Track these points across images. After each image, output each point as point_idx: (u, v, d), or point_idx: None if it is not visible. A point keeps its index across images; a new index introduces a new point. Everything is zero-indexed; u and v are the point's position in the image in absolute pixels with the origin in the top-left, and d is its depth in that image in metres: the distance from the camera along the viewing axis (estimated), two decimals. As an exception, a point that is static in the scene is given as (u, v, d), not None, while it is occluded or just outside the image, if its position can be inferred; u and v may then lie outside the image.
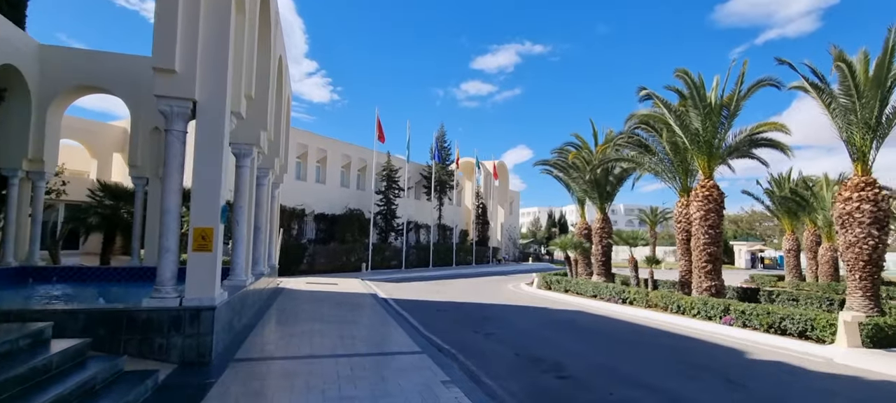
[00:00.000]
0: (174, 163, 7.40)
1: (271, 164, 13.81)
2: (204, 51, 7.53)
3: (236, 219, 10.61)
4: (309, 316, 11.63)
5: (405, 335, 9.81)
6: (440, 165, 36.27)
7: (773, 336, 10.46)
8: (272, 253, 17.03)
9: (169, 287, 7.23)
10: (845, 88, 11.83)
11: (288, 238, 25.49)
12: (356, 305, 14.07)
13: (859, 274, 11.79)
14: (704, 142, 14.59)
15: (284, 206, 25.72)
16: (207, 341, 7.14)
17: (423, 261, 33.86)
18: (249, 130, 10.62)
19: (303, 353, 7.86)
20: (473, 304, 16.29)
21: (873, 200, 11.70)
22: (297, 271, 24.76)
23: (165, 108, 7.38)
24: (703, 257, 14.44)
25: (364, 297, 16.18)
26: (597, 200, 21.68)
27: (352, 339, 9.06)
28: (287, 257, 23.18)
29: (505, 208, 45.76)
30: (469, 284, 24.17)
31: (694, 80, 14.32)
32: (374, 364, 7.33)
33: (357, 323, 10.87)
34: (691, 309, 12.99)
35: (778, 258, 45.55)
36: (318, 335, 9.35)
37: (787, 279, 24.20)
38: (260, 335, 9.19)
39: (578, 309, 15.30)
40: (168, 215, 7.32)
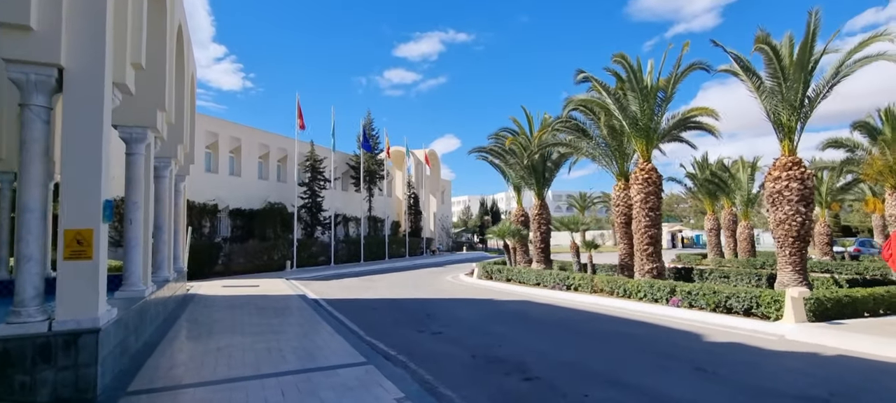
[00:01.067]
0: (35, 149, 5.71)
1: (173, 153, 11.88)
2: (72, 2, 5.83)
3: (129, 218, 8.80)
4: (226, 326, 10.02)
5: (344, 342, 8.60)
6: (368, 154, 34.68)
7: (721, 316, 10.42)
8: (179, 255, 14.93)
9: (32, 307, 5.57)
10: (772, 71, 12.07)
11: (198, 237, 22.97)
12: (282, 309, 12.55)
13: (789, 250, 12.15)
14: (643, 125, 14.52)
15: (193, 202, 23.16)
16: (90, 373, 5.59)
17: (354, 256, 32.29)
18: (142, 110, 8.80)
19: (219, 376, 6.45)
20: (413, 300, 15.26)
21: (801, 178, 12.06)
22: (212, 273, 22.40)
23: (19, 77, 5.66)
24: (644, 240, 14.42)
25: (291, 299, 14.62)
26: (534, 186, 21.39)
27: (280, 353, 7.71)
28: (198, 259, 20.81)
29: (437, 197, 45.04)
30: (405, 277, 23.09)
31: (632, 64, 14.16)
32: (310, 383, 6.10)
33: (285, 332, 9.47)
34: (637, 292, 12.84)
35: (694, 237, 48.74)
36: (239, 350, 7.90)
37: (709, 257, 25.56)
38: (165, 355, 7.60)
39: (524, 299, 14.76)
40: (27, 214, 5.63)
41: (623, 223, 17.03)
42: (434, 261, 33.97)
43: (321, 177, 31.09)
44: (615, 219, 17.40)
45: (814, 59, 11.83)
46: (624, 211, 16.92)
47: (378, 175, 36.13)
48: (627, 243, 17.04)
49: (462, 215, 68.21)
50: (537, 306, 13.47)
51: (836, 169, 21.73)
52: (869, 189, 24.89)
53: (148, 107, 8.93)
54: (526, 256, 23.64)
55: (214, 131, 26.69)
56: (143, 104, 8.87)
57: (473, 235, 54.77)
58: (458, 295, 16.14)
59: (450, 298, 15.58)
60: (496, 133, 22.00)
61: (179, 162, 13.09)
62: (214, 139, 26.74)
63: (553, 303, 13.80)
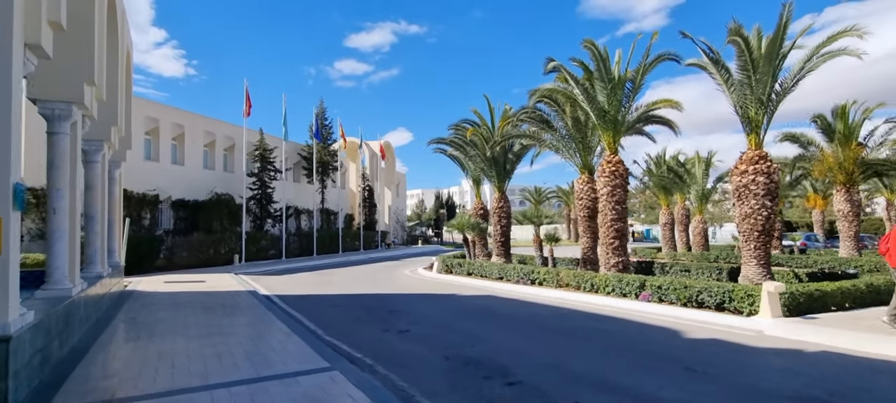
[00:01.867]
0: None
1: (106, 135, 10.53)
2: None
3: (52, 207, 7.60)
4: (169, 327, 8.91)
5: (302, 343, 7.77)
6: (321, 145, 33.27)
7: (692, 310, 10.31)
8: (114, 248, 13.45)
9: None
10: (742, 63, 12.11)
11: (137, 229, 21.16)
12: (232, 307, 11.46)
13: (754, 244, 12.28)
14: (610, 116, 14.34)
15: (131, 192, 21.30)
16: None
17: (306, 250, 30.95)
18: (65, 82, 7.58)
19: (161, 387, 5.51)
20: (373, 295, 14.46)
21: (767, 173, 12.20)
22: (152, 268, 20.69)
23: None
24: (610, 233, 14.28)
25: (241, 296, 13.49)
26: (495, 179, 21.00)
27: (231, 358, 6.80)
28: (137, 252, 19.11)
29: (392, 190, 44.06)
30: (361, 271, 22.17)
31: (600, 52, 13.92)
32: (267, 395, 5.28)
33: (236, 333, 8.50)
34: (605, 286, 12.64)
35: (645, 231, 50.34)
36: (183, 355, 6.92)
37: (663, 251, 26.17)
38: (96, 363, 6.54)
39: (489, 294, 14.30)
40: None
41: (586, 216, 16.91)
42: (390, 255, 33.10)
43: (271, 168, 29.50)
44: (578, 213, 17.26)
45: (783, 53, 11.94)
46: (587, 205, 16.80)
47: (331, 166, 34.78)
48: (590, 237, 16.95)
49: (416, 208, 67.40)
50: (504, 301, 13.02)
51: (789, 165, 22.68)
52: (811, 185, 26.32)
53: (73, 80, 7.70)
54: (484, 250, 23.28)
55: (155, 116, 24.62)
56: (67, 75, 7.65)
57: (428, 228, 54.09)
58: (420, 290, 15.47)
59: (412, 293, 14.89)
60: (456, 124, 21.45)
61: (113, 146, 11.68)
62: (155, 125, 24.68)
63: (519, 298, 13.40)
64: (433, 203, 52.10)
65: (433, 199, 58.56)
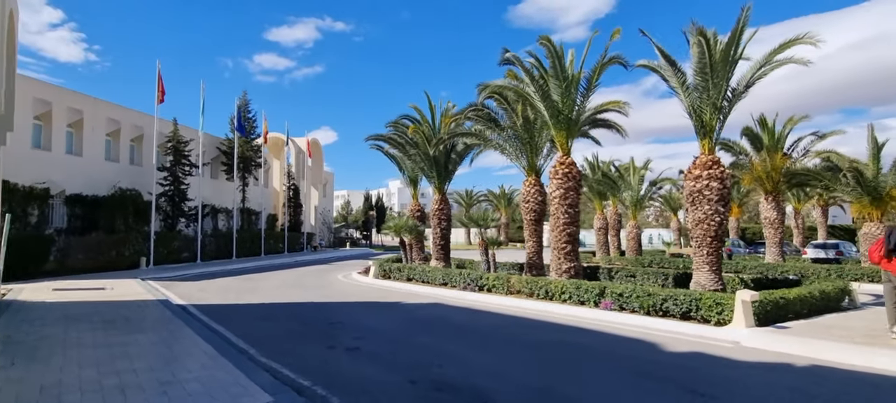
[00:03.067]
0: None
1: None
2: None
3: None
4: (56, 349, 6.94)
5: (232, 368, 6.26)
6: (244, 139, 30.46)
7: (658, 319, 9.86)
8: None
9: None
10: (700, 66, 11.99)
11: (21, 227, 17.83)
12: (139, 321, 9.46)
13: (707, 250, 12.18)
14: (564, 116, 13.84)
15: (14, 184, 18.03)
16: None
17: (225, 252, 28.16)
18: None
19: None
20: (309, 304, 12.84)
21: (720, 178, 12.18)
22: (40, 273, 17.58)
23: None
24: (562, 237, 13.75)
25: (149, 307, 11.39)
26: (435, 179, 19.97)
27: (141, 393, 5.19)
28: (21, 254, 16.04)
29: (319, 190, 41.62)
30: (290, 276, 20.20)
31: (556, 50, 13.37)
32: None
33: (145, 356, 6.74)
34: (561, 293, 12.00)
35: None
36: (75, 389, 5.22)
37: (597, 255, 26.54)
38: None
39: (436, 302, 13.19)
40: None
41: (533, 220, 16.36)
42: (317, 258, 30.96)
43: (186, 162, 26.41)
44: (524, 216, 16.65)
45: (737, 58, 11.96)
46: (534, 208, 16.23)
47: (254, 162, 32.00)
48: (536, 241, 16.42)
49: (342, 210, 64.81)
50: (456, 310, 11.98)
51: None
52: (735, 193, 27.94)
53: None
54: (422, 253, 22.20)
55: (46, 99, 20.99)
56: None
57: (356, 231, 51.96)
58: (360, 298, 14.03)
59: (352, 301, 13.43)
60: (396, 121, 20.18)
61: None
62: (47, 108, 21.04)
63: (471, 307, 12.43)
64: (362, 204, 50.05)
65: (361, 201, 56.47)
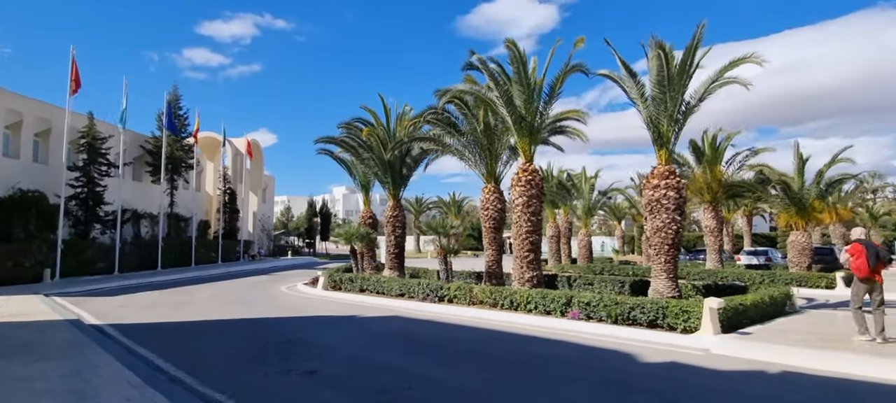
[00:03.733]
0: None
1: None
2: None
3: None
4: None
5: (162, 398, 5.35)
6: (174, 138, 28.09)
7: (625, 328, 9.73)
8: None
9: None
10: (659, 78, 12.18)
11: None
12: (43, 346, 8.06)
13: (664, 258, 12.34)
14: (527, 123, 13.63)
15: None
16: None
17: (148, 262, 25.76)
18: None
19: None
20: (254, 321, 11.70)
21: (677, 187, 12.40)
22: None
23: None
24: (525, 246, 13.47)
25: (56, 328, 9.86)
26: (389, 185, 19.24)
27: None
28: None
29: (258, 195, 39.32)
30: (227, 289, 18.62)
31: (521, 55, 13.14)
32: None
33: (53, 391, 5.60)
34: (526, 303, 11.68)
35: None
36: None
37: (549, 263, 26.79)
38: None
39: (395, 314, 12.47)
40: None
41: (492, 228, 16.02)
42: (256, 268, 29.07)
43: (104, 161, 23.86)
44: (484, 224, 16.30)
45: (692, 71, 12.26)
46: (494, 216, 15.90)
47: (184, 164, 29.59)
48: (495, 250, 16.10)
49: (281, 216, 61.95)
50: (418, 324, 11.32)
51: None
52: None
53: None
54: (373, 263, 21.33)
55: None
56: None
57: (298, 238, 49.65)
58: (312, 312, 13.03)
59: (303, 316, 12.41)
60: (348, 122, 19.25)
61: None
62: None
63: (433, 319, 11.82)
64: (305, 211, 47.94)
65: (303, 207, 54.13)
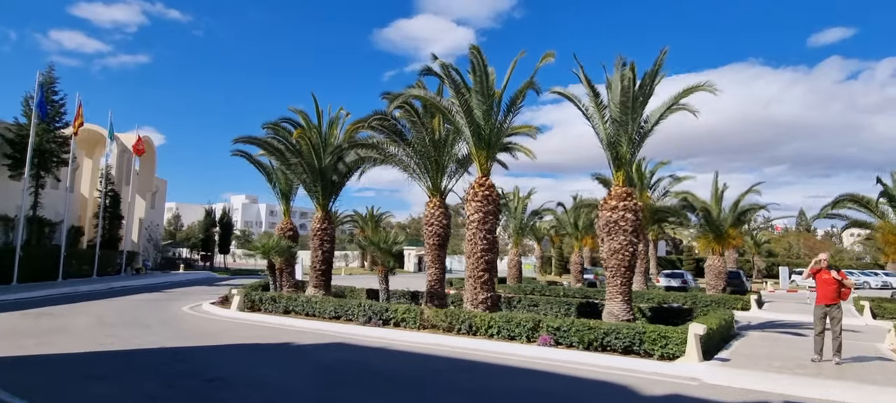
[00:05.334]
0: None
1: None
2: None
3: None
4: None
5: None
6: (44, 126, 23.47)
7: (600, 355, 9.18)
8: None
9: None
10: (623, 100, 12.06)
11: None
12: None
13: (620, 279, 12.14)
14: (485, 135, 12.86)
15: None
16: None
17: (1, 275, 20.98)
18: None
19: None
20: (161, 351, 9.43)
21: (634, 209, 12.32)
22: None
23: None
24: (480, 265, 12.56)
25: None
26: (319, 194, 17.37)
27: None
28: None
29: (146, 200, 34.37)
30: (113, 309, 15.41)
31: (483, 64, 12.39)
32: None
33: None
34: (488, 328, 10.73)
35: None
36: None
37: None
38: None
39: (338, 341, 10.83)
40: None
41: (436, 244, 14.95)
42: (144, 284, 24.98)
43: (-56, 147, 19.12)
44: (427, 240, 15.19)
45: (649, 95, 12.33)
46: (438, 232, 14.87)
47: (56, 158, 24.83)
48: (439, 268, 15.05)
49: (169, 225, 55.28)
50: (368, 352, 9.86)
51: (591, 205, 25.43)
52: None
53: None
54: (291, 279, 19.18)
55: None
56: None
57: (190, 250, 44.26)
58: (234, 339, 10.89)
59: (224, 344, 10.30)
60: (275, 123, 17.13)
61: None
62: None
63: (384, 346, 10.39)
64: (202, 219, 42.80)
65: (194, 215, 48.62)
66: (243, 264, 52.76)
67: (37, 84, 22.10)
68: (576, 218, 27.80)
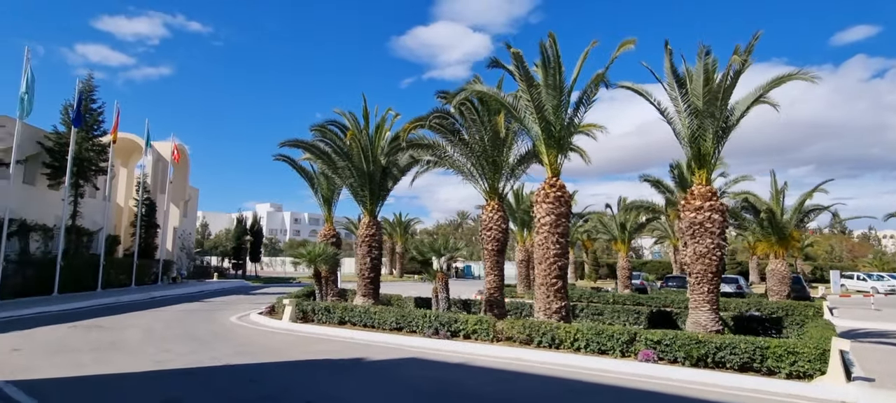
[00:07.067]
0: None
1: None
2: None
3: None
4: None
5: None
6: (84, 134, 23.28)
7: (711, 372, 8.24)
8: None
9: None
10: (707, 91, 11.12)
11: None
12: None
13: (707, 286, 11.16)
14: (556, 132, 11.99)
15: None
16: None
17: (41, 285, 20.71)
18: None
19: None
20: (228, 371, 8.73)
21: (720, 210, 11.35)
22: None
23: None
24: (552, 271, 11.66)
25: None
26: (367, 200, 16.67)
27: None
28: None
29: (180, 208, 34.18)
30: (161, 321, 14.86)
31: (557, 53, 11.52)
32: None
33: None
34: (574, 341, 9.82)
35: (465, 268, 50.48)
36: None
37: (519, 289, 25.31)
38: None
39: (410, 355, 10.03)
40: None
41: (495, 250, 14.22)
42: (182, 293, 24.59)
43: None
44: (485, 246, 14.42)
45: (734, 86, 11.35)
46: (497, 236, 14.13)
47: (95, 167, 24.64)
48: (498, 275, 14.30)
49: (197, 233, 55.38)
50: (453, 370, 9.02)
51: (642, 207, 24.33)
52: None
53: None
54: (335, 288, 18.52)
55: None
56: None
57: (219, 258, 44.09)
58: (299, 355, 10.16)
59: (291, 362, 9.56)
60: (322, 125, 16.48)
61: None
62: None
63: (466, 362, 9.53)
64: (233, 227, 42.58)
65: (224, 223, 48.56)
66: (272, 272, 52.58)
67: (76, 92, 21.88)
68: (623, 220, 26.70)
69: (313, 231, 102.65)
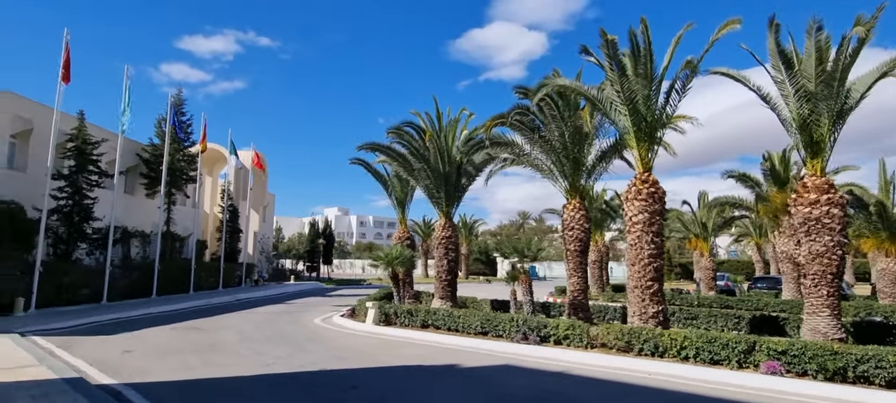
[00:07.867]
0: None
1: None
2: None
3: None
4: None
5: None
6: (177, 145, 24.95)
7: (853, 389, 7.34)
8: None
9: None
10: (820, 71, 10.05)
11: None
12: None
13: (827, 289, 10.07)
14: (647, 124, 11.30)
15: None
16: None
17: (141, 288, 22.27)
18: None
19: None
20: (328, 376, 8.84)
21: (840, 204, 10.21)
22: None
23: None
24: (647, 274, 10.99)
25: (48, 397, 6.81)
26: (443, 201, 16.60)
27: None
28: None
29: (259, 213, 35.99)
30: (250, 323, 15.53)
31: (649, 40, 10.83)
32: None
33: None
34: (681, 348, 9.15)
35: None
36: None
37: (593, 290, 24.54)
38: None
39: (503, 362, 9.77)
40: None
41: (578, 251, 13.65)
42: (265, 296, 25.79)
43: (95, 169, 20.61)
44: (567, 247, 13.88)
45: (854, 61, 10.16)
46: (580, 236, 13.57)
47: (185, 176, 26.36)
48: (581, 276, 13.72)
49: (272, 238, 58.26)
50: (551, 379, 8.64)
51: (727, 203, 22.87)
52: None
53: None
54: (410, 290, 18.62)
55: None
56: None
57: (293, 261, 46.07)
58: (392, 360, 10.15)
59: (386, 367, 9.55)
60: (398, 127, 16.58)
61: None
62: None
63: (564, 370, 9.11)
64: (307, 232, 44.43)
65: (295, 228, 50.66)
66: (342, 274, 54.32)
67: (169, 105, 23.47)
68: (706, 218, 25.03)
69: (378, 233, 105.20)
